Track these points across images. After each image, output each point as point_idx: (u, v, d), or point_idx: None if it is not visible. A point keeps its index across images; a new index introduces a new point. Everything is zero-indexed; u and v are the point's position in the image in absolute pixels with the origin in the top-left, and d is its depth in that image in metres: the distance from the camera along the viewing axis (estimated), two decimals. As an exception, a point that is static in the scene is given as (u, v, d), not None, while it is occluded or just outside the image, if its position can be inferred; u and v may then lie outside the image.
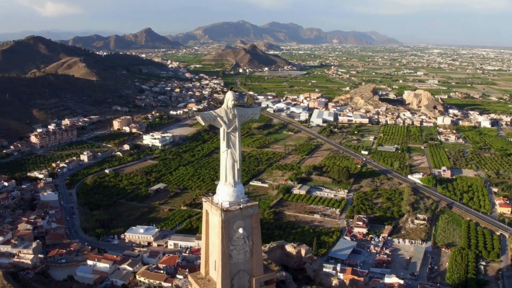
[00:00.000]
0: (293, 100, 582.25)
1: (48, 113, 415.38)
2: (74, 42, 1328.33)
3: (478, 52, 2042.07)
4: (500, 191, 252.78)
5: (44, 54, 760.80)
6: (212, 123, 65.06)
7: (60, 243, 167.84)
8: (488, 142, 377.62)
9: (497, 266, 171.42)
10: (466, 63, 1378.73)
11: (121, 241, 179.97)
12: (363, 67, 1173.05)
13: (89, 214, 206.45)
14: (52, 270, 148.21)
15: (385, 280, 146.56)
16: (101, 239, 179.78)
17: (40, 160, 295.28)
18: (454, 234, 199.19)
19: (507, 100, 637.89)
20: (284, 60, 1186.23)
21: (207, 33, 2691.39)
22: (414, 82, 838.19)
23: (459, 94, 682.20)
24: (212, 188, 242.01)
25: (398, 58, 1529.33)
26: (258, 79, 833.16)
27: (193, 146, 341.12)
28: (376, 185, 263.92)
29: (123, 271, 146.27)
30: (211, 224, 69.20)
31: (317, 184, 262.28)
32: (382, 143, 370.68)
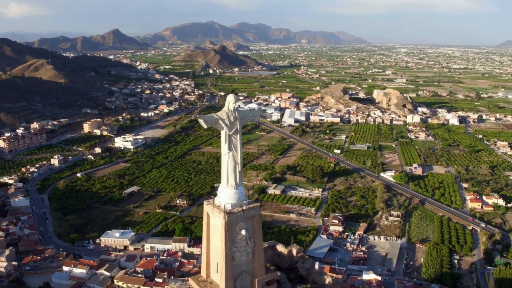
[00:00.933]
0: (264, 100, 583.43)
1: (16, 116, 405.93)
2: (40, 44, 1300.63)
3: (444, 51, 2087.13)
4: (470, 187, 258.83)
5: (10, 56, 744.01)
6: (214, 125, 64.73)
7: (34, 250, 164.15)
8: (457, 139, 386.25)
9: (470, 260, 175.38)
10: (432, 62, 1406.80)
11: (96, 245, 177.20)
12: (332, 66, 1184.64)
13: (62, 219, 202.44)
14: (27, 278, 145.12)
15: (363, 276, 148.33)
16: (76, 245, 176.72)
17: (9, 165, 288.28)
18: (428, 229, 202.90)
19: (474, 98, 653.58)
20: (254, 61, 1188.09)
21: (175, 33, 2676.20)
22: (383, 81, 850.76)
23: (427, 93, 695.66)
24: (186, 190, 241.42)
25: (366, 58, 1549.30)
26: (228, 80, 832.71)
27: (165, 148, 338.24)
28: (349, 183, 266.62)
29: (101, 276, 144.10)
30: (212, 226, 69.05)
31: (291, 184, 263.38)
32: (354, 142, 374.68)
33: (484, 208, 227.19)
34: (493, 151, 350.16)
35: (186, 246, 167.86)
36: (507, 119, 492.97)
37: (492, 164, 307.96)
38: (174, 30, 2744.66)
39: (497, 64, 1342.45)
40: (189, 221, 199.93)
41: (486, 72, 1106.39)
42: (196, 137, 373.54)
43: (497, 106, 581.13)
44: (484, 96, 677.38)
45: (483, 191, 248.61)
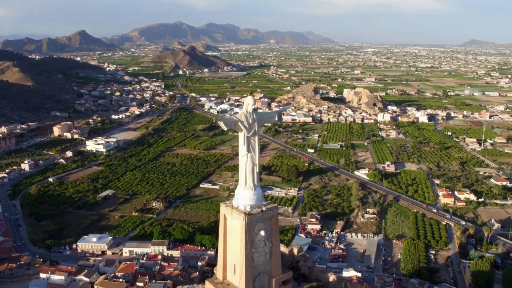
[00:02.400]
0: (236, 101, 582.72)
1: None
2: (4, 46, 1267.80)
3: (410, 50, 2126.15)
4: (442, 183, 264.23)
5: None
6: (233, 128, 64.43)
7: (8, 257, 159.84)
8: (427, 137, 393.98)
9: (446, 254, 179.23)
10: (400, 61, 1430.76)
11: (73, 251, 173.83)
12: (301, 66, 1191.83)
13: (36, 225, 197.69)
14: (3, 286, 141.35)
15: (343, 274, 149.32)
16: (52, 251, 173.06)
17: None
18: (403, 225, 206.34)
19: (441, 96, 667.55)
20: (223, 61, 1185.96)
21: (143, 34, 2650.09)
22: (352, 81, 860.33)
23: (396, 91, 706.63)
24: (162, 193, 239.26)
25: (335, 57, 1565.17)
26: (199, 81, 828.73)
27: (138, 150, 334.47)
28: (324, 182, 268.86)
29: (80, 282, 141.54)
30: (230, 228, 69.01)
31: (267, 184, 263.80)
32: (326, 141, 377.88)
33: (457, 204, 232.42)
34: (462, 147, 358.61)
35: (165, 249, 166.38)
36: (474, 116, 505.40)
37: (462, 160, 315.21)
38: (141, 31, 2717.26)
39: (462, 63, 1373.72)
40: (167, 223, 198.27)
41: (452, 70, 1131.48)
42: (169, 139, 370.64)
43: (464, 103, 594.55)
44: (451, 94, 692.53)
45: (455, 187, 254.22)
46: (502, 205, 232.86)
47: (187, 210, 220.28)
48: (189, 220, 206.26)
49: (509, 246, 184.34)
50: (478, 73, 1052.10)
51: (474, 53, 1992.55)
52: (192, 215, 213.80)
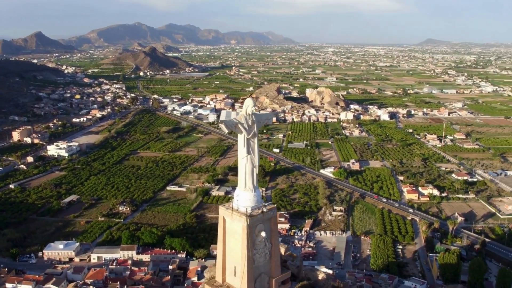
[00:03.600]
0: (199, 102, 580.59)
1: None
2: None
3: (369, 50, 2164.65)
4: (405, 179, 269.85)
5: None
6: (234, 130, 63.87)
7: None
8: (389, 134, 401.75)
9: (413, 249, 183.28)
10: (359, 60, 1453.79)
11: (39, 259, 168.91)
12: (263, 67, 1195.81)
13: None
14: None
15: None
16: (18, 260, 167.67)
17: None
18: (370, 222, 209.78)
19: (401, 94, 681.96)
20: (185, 62, 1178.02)
21: (102, 36, 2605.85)
22: (314, 80, 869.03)
23: (357, 90, 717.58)
24: (128, 197, 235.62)
25: (295, 57, 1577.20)
26: (160, 82, 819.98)
27: (102, 154, 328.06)
28: (291, 181, 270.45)
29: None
30: (229, 230, 68.54)
31: (234, 185, 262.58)
32: (291, 141, 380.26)
33: (421, 199, 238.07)
34: (424, 144, 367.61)
35: (135, 253, 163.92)
36: (434, 113, 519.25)
37: (424, 157, 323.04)
38: (100, 32, 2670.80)
39: (420, 62, 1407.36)
40: (135, 228, 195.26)
41: (410, 69, 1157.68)
42: (133, 142, 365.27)
43: (423, 101, 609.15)
44: (411, 92, 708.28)
45: (418, 183, 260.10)
46: (464, 199, 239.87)
47: (154, 213, 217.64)
48: (157, 223, 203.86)
49: (473, 238, 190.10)
50: (436, 71, 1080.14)
51: (431, 52, 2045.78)
52: (160, 218, 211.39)
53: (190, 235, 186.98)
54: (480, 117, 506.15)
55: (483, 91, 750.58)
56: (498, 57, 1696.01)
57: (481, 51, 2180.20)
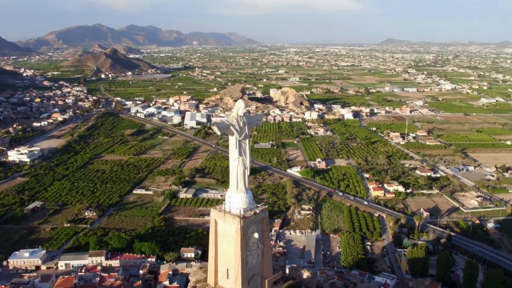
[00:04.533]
0: (163, 104, 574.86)
1: None
2: None
3: (331, 49, 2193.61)
4: (371, 176, 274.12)
5: None
6: (225, 132, 62.96)
7: None
8: (353, 133, 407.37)
9: (381, 245, 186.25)
10: (321, 60, 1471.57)
11: (4, 268, 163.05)
12: (226, 67, 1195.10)
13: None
14: None
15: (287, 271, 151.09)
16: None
17: None
18: (338, 220, 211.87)
19: (364, 93, 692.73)
20: (147, 64, 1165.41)
21: (60, 37, 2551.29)
22: (277, 80, 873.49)
23: (320, 90, 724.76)
24: (94, 201, 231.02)
25: (258, 58, 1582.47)
26: (122, 84, 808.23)
27: (65, 158, 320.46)
28: (259, 181, 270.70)
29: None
30: (221, 232, 67.70)
31: (202, 186, 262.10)
32: (257, 141, 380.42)
33: (387, 195, 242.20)
34: (387, 142, 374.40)
35: (104, 259, 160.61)
36: (396, 111, 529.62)
37: (388, 154, 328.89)
38: (58, 34, 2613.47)
39: (381, 61, 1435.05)
40: (102, 233, 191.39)
41: (372, 68, 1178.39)
42: (96, 145, 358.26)
43: (385, 100, 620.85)
44: (373, 91, 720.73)
45: (384, 180, 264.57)
46: (429, 195, 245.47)
47: (122, 217, 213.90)
48: (125, 228, 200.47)
49: (439, 233, 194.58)
50: (396, 70, 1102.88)
51: (391, 51, 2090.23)
52: (128, 222, 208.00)
53: (160, 239, 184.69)
54: (440, 114, 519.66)
55: (443, 89, 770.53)
56: (456, 56, 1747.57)
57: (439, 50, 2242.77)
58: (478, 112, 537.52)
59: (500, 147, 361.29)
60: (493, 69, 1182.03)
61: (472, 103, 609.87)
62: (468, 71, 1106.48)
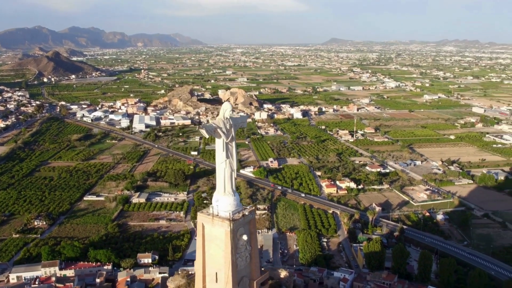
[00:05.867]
0: (110, 107, 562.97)
1: None
2: None
3: (277, 50, 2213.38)
4: (323, 174, 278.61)
5: None
6: (213, 134, 61.56)
7: None
8: (303, 132, 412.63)
9: (336, 241, 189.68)
10: (268, 60, 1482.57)
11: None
12: (173, 69, 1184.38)
13: None
14: None
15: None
16: None
17: None
18: (294, 218, 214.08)
19: (311, 92, 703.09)
20: (91, 66, 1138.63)
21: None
22: (225, 81, 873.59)
23: (268, 90, 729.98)
24: (43, 210, 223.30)
25: (205, 59, 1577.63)
26: (67, 88, 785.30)
27: (9, 166, 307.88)
28: (212, 183, 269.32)
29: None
30: (210, 236, 66.53)
31: (154, 190, 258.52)
32: (208, 142, 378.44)
33: (339, 192, 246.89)
34: (337, 139, 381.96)
35: (58, 269, 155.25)
36: (344, 109, 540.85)
37: (338, 152, 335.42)
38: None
39: (326, 60, 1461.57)
40: (54, 242, 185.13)
41: (318, 67, 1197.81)
42: (42, 152, 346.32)
43: (333, 98, 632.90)
44: (320, 90, 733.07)
45: (336, 177, 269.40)
46: (379, 190, 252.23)
47: (73, 225, 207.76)
48: (78, 236, 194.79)
49: (391, 226, 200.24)
50: (342, 69, 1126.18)
51: (335, 50, 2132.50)
52: (80, 230, 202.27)
53: (115, 245, 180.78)
54: (386, 111, 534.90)
55: (387, 86, 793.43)
56: (398, 55, 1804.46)
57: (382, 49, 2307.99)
58: (422, 108, 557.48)
59: (445, 142, 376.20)
60: (434, 66, 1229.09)
61: (415, 100, 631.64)
62: (411, 69, 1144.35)
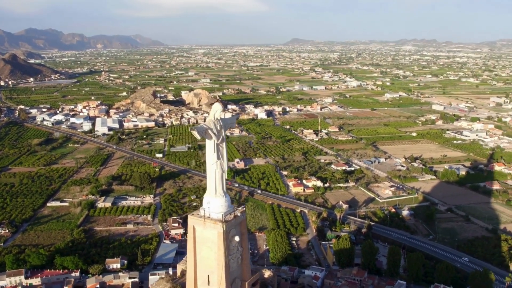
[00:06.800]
0: (71, 111, 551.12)
1: None
2: None
3: (239, 50, 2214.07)
4: (289, 173, 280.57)
5: None
6: (204, 136, 60.41)
7: None
8: (268, 132, 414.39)
9: (306, 239, 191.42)
10: (230, 61, 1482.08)
11: None
12: (134, 71, 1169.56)
13: None
14: None
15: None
16: None
17: None
18: (262, 218, 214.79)
19: (275, 93, 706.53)
20: (50, 69, 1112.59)
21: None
22: (188, 82, 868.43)
23: (232, 91, 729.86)
24: (5, 218, 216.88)
25: (166, 60, 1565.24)
26: (25, 91, 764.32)
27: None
28: (179, 185, 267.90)
29: None
30: (201, 239, 65.43)
31: (120, 194, 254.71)
32: (173, 144, 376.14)
33: (306, 191, 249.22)
34: (302, 139, 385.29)
35: (24, 278, 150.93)
36: (307, 109, 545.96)
37: (304, 151, 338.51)
38: None
39: (288, 60, 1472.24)
40: (18, 250, 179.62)
41: (280, 68, 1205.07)
42: (2, 157, 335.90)
43: (296, 98, 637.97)
44: (283, 90, 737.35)
45: (302, 176, 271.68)
46: (346, 188, 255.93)
47: (38, 232, 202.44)
48: (43, 243, 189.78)
49: (359, 223, 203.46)
50: (304, 69, 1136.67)
51: (297, 51, 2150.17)
52: (45, 237, 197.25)
53: (82, 252, 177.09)
54: (349, 110, 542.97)
55: (349, 86, 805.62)
56: (359, 54, 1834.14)
57: (343, 49, 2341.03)
58: (384, 106, 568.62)
59: (407, 139, 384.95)
60: (393, 65, 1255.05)
61: (377, 99, 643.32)
62: (371, 68, 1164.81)
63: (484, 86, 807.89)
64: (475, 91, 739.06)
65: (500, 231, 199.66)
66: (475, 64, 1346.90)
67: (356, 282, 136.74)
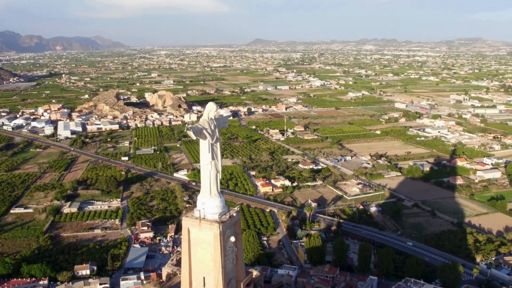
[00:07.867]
0: (31, 114, 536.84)
1: None
2: None
3: (201, 51, 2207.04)
4: (257, 174, 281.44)
5: None
6: (199, 136, 59.27)
7: None
8: (234, 132, 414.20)
9: (276, 238, 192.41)
10: (193, 62, 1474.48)
11: None
12: (95, 73, 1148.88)
13: None
14: None
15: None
16: None
17: None
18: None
19: (239, 93, 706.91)
20: (8, 72, 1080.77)
21: None
22: (151, 84, 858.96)
23: (196, 92, 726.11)
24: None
25: (128, 62, 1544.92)
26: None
27: None
28: (146, 188, 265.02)
29: None
30: (196, 241, 64.16)
31: (86, 199, 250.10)
32: (139, 147, 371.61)
33: (275, 191, 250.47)
34: (268, 139, 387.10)
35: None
36: (272, 109, 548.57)
37: (271, 151, 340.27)
38: None
39: (251, 61, 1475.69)
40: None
41: (244, 68, 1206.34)
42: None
43: (261, 98, 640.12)
44: (248, 91, 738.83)
45: (270, 176, 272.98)
46: (313, 186, 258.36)
47: (1, 241, 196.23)
48: (7, 251, 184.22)
49: (328, 221, 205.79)
50: (267, 69, 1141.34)
51: (260, 51, 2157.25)
52: (10, 245, 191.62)
53: (49, 259, 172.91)
54: (314, 109, 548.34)
55: (313, 85, 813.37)
56: (321, 54, 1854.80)
57: (305, 49, 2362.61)
58: (348, 105, 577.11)
59: (371, 137, 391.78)
60: (355, 65, 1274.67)
61: (341, 98, 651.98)
62: (334, 68, 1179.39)
63: (444, 84, 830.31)
64: (436, 89, 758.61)
65: (465, 224, 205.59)
66: (435, 62, 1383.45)
67: (328, 280, 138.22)
